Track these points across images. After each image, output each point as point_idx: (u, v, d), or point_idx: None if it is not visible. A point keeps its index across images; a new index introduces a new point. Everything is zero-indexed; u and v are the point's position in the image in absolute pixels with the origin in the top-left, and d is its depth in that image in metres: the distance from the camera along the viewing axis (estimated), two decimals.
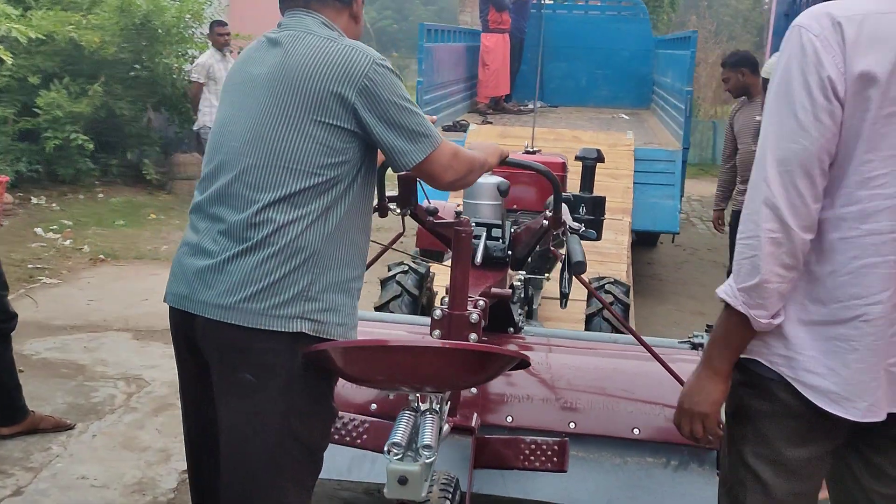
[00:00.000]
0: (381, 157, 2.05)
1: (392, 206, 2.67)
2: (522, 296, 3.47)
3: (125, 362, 4.67)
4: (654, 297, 6.62)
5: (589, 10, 10.78)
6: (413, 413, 2.00)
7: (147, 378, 4.45)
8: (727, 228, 5.82)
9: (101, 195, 9.09)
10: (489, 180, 3.05)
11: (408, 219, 2.83)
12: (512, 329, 3.06)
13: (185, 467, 2.28)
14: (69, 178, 8.98)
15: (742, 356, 1.69)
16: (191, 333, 2.01)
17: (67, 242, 7.27)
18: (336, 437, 2.33)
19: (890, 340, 1.59)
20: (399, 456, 1.92)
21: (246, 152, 1.93)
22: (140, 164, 9.65)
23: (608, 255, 5.06)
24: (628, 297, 4.18)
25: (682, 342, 3.00)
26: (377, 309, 4.07)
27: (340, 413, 2.32)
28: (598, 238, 3.22)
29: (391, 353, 1.87)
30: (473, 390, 2.58)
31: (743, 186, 5.16)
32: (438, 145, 1.98)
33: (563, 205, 2.87)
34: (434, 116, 2.53)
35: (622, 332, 3.65)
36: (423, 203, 2.78)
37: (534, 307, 3.78)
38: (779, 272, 1.56)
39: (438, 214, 2.70)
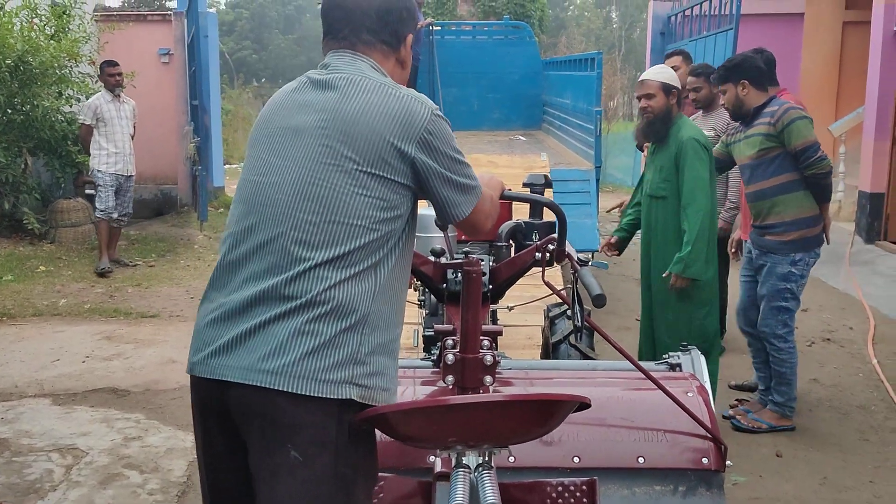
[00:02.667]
0: None
1: None
2: None
3: (52, 432, 4.32)
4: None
5: (477, 35, 10.95)
6: (466, 471, 1.89)
7: (82, 447, 4.13)
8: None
9: None
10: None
11: None
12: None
13: None
14: None
15: None
16: (224, 407, 1.81)
17: None
18: None
19: None
20: None
21: (296, 206, 1.78)
22: (18, 214, 9.02)
23: (557, 284, 5.07)
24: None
25: (658, 363, 2.92)
26: None
27: None
28: (586, 263, 3.20)
29: (454, 411, 1.77)
30: None
31: None
32: (482, 194, 1.93)
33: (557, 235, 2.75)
34: None
35: (590, 358, 3.61)
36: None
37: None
38: None
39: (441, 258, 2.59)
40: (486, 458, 1.91)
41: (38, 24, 9.02)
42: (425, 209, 2.85)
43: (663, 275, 4.07)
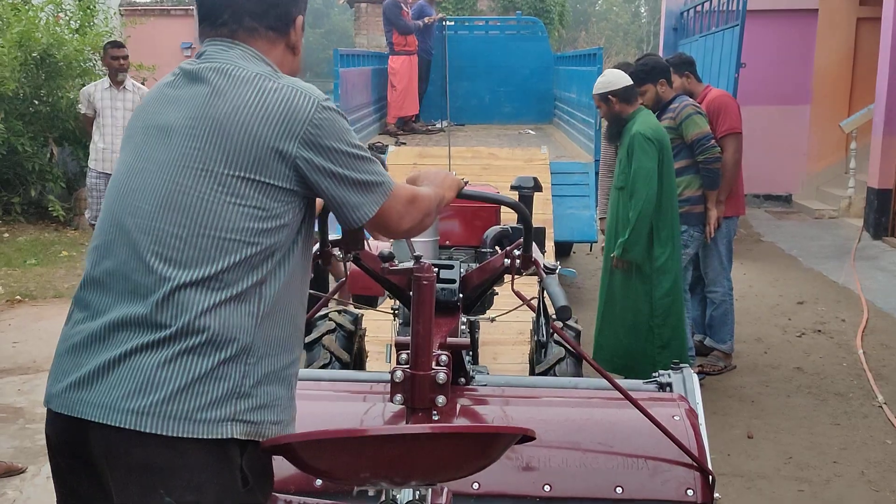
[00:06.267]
0: (320, 201, 1.73)
1: (336, 251, 2.35)
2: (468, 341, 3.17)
3: None
4: (575, 305, 6.89)
5: (489, 30, 11.13)
6: None
7: None
8: None
9: (6, 235, 8.79)
10: None
11: None
12: (463, 380, 2.60)
13: None
14: None
15: None
16: (82, 448, 1.56)
17: None
18: None
19: None
20: None
21: (159, 216, 1.55)
22: (44, 201, 9.37)
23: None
24: (577, 323, 3.89)
25: (647, 382, 2.69)
26: (307, 345, 3.67)
27: (281, 496, 1.98)
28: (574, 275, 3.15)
29: (372, 443, 1.53)
30: None
31: None
32: (392, 191, 1.69)
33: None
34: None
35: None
36: (375, 247, 2.46)
37: (478, 350, 3.41)
38: None
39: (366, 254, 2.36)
40: (417, 498, 1.75)
41: (63, 19, 9.35)
42: None
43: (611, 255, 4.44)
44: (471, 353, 3.15)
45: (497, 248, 3.13)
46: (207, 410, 1.51)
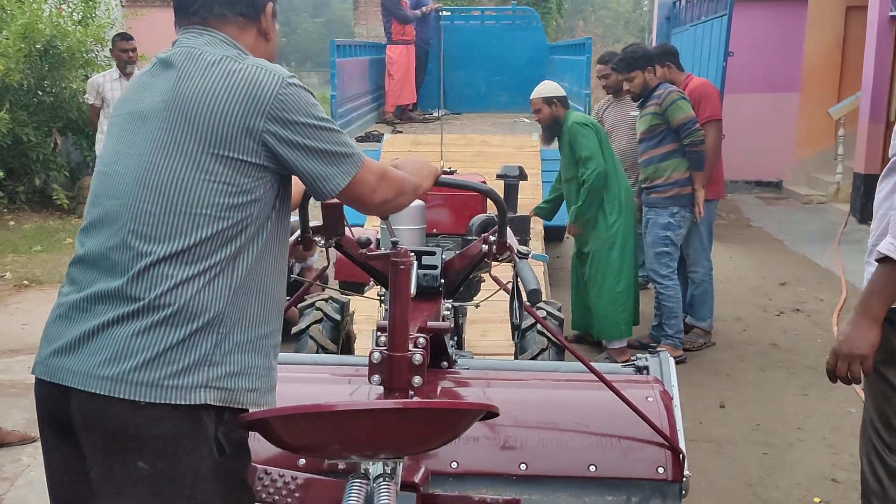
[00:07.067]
0: (299, 182, 1.77)
1: (317, 237, 2.40)
2: (452, 325, 3.17)
3: None
4: (567, 289, 7.10)
5: (485, 20, 11.31)
6: (363, 481, 1.76)
7: None
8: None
9: (11, 223, 9.03)
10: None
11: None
12: (446, 363, 2.72)
13: None
14: None
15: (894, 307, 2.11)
16: (64, 414, 1.64)
17: None
18: (263, 496, 2.01)
19: None
20: None
21: (137, 196, 1.64)
22: (48, 190, 9.60)
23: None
24: (560, 311, 4.00)
25: (625, 365, 2.81)
26: (295, 335, 3.76)
27: (260, 466, 2.02)
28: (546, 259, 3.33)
29: (341, 418, 1.61)
30: None
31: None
32: (362, 164, 1.74)
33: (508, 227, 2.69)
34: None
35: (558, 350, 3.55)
36: (356, 232, 2.52)
37: (462, 336, 3.49)
38: None
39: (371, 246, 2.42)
40: (388, 470, 1.80)
41: (66, 10, 9.55)
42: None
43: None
44: (455, 337, 3.23)
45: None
46: (179, 377, 1.58)
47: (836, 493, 3.55)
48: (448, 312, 3.08)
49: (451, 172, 3.76)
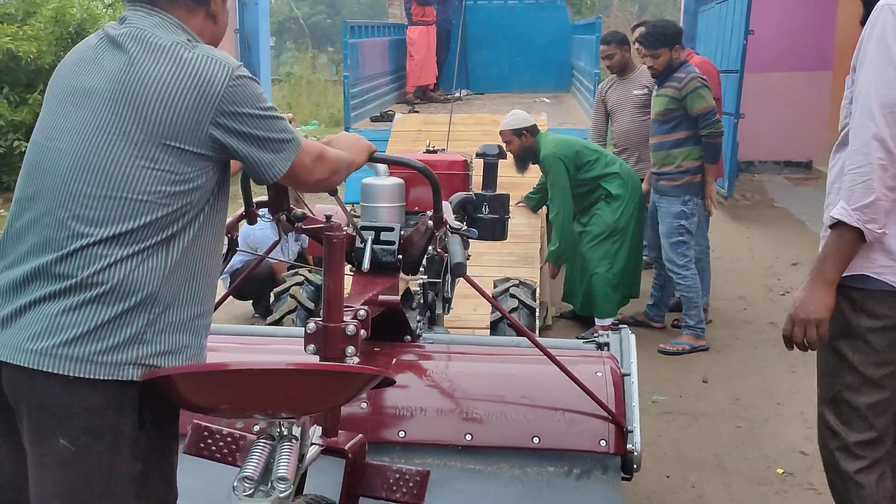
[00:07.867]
0: (236, 162, 1.80)
1: (261, 212, 2.43)
2: (422, 301, 3.19)
3: None
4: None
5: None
6: (269, 441, 1.81)
7: None
8: None
9: None
10: (386, 182, 2.84)
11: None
12: (409, 337, 2.83)
13: None
14: (14, 186, 9.22)
15: (846, 274, 2.13)
16: (2, 393, 1.66)
17: None
18: (204, 452, 2.03)
19: None
20: (250, 491, 1.73)
21: (76, 177, 1.64)
22: None
23: (522, 237, 5.35)
24: (534, 299, 4.17)
25: (587, 342, 2.92)
26: (270, 325, 3.86)
27: (210, 425, 2.04)
28: (491, 237, 3.46)
29: (235, 377, 1.64)
30: (363, 405, 2.45)
31: (625, 156, 5.73)
32: (301, 148, 1.79)
33: (445, 203, 2.79)
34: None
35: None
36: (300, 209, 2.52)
37: (437, 313, 3.49)
38: (886, 192, 2.03)
39: (309, 218, 2.43)
40: (291, 431, 1.83)
41: None
42: (375, 178, 2.75)
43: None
44: (428, 313, 3.28)
45: (462, 213, 3.40)
46: (108, 354, 1.59)
47: (802, 464, 3.59)
48: (417, 288, 3.17)
49: (436, 151, 3.91)
